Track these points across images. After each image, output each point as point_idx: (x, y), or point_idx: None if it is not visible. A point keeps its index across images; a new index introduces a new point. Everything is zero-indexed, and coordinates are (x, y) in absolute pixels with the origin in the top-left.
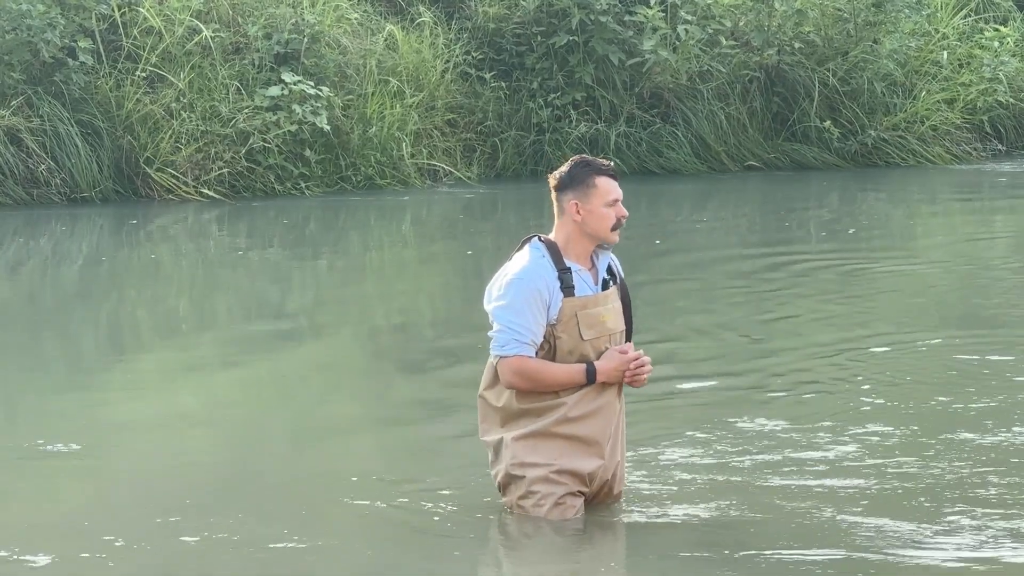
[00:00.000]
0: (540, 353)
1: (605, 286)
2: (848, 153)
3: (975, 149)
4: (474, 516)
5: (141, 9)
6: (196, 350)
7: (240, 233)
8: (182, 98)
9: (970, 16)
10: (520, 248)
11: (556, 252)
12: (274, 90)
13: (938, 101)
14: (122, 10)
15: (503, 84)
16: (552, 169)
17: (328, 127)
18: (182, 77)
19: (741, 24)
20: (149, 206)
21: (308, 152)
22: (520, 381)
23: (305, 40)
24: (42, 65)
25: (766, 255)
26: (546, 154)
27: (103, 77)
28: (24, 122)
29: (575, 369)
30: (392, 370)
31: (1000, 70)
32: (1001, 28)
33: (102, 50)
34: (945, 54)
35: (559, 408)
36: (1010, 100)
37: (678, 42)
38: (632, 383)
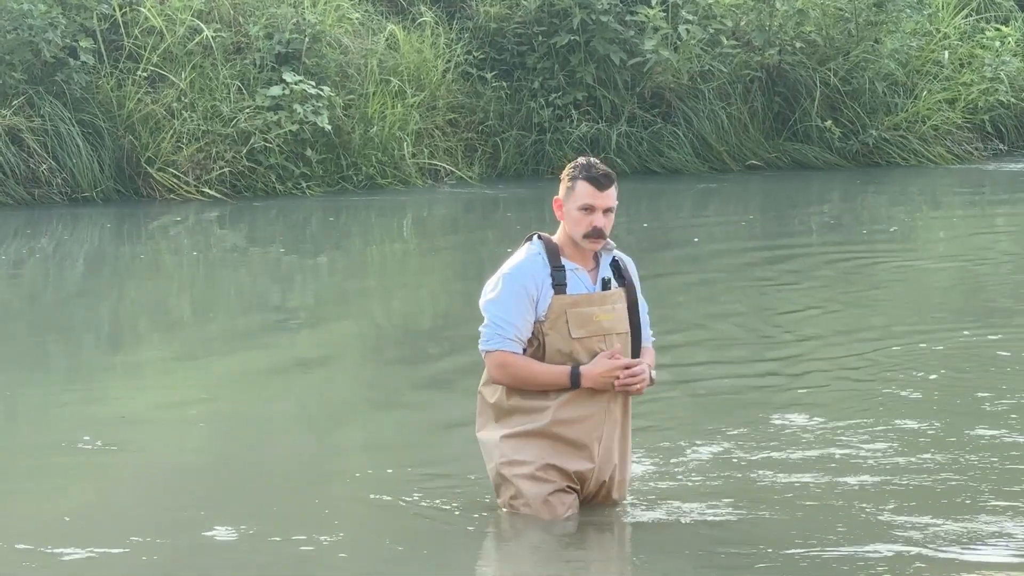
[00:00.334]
0: (529, 350)
1: (605, 286)
2: (849, 153)
3: (976, 149)
4: (476, 514)
5: (142, 9)
6: (197, 349)
7: (241, 233)
8: (183, 98)
9: (971, 16)
10: (521, 245)
11: (553, 250)
12: (275, 90)
13: (939, 101)
14: (123, 10)
15: (504, 84)
16: (553, 169)
17: (329, 127)
18: (183, 77)
19: (742, 24)
20: (150, 206)
21: (309, 152)
22: (502, 376)
23: (306, 40)
24: (43, 65)
25: (773, 252)
26: (547, 154)
27: (104, 77)
28: (25, 122)
29: (559, 371)
30: (393, 367)
31: (1001, 70)
32: (1002, 28)
33: (103, 50)
34: (946, 54)
35: (546, 411)
36: (1011, 100)
37: (679, 42)
38: (625, 391)
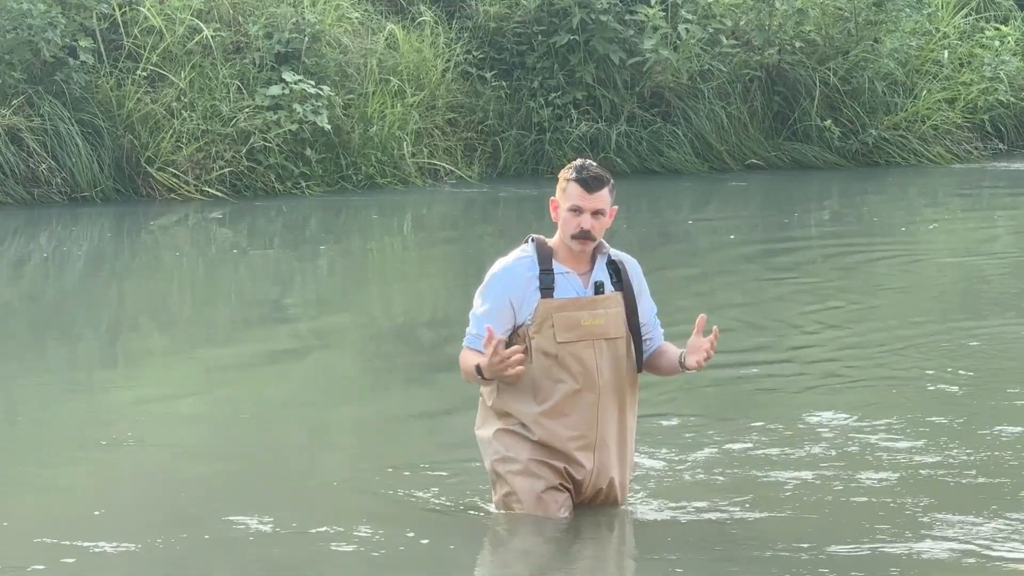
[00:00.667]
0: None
1: (598, 290)
2: (849, 152)
3: (976, 148)
4: (475, 511)
5: (142, 8)
6: (196, 349)
7: (241, 232)
8: (183, 97)
9: (971, 15)
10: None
11: (545, 252)
12: (275, 89)
13: (939, 100)
14: (123, 9)
15: (504, 83)
16: (553, 169)
17: (329, 126)
18: (183, 76)
19: (742, 23)
20: (150, 205)
21: (309, 151)
22: (462, 372)
23: (306, 39)
24: (43, 64)
25: (780, 250)
26: (547, 153)
27: (104, 76)
28: (25, 121)
29: (471, 363)
30: (392, 364)
31: (1001, 69)
32: (1002, 27)
33: (103, 49)
34: (946, 53)
35: (532, 421)
36: (1011, 99)
37: (679, 41)
38: (511, 372)
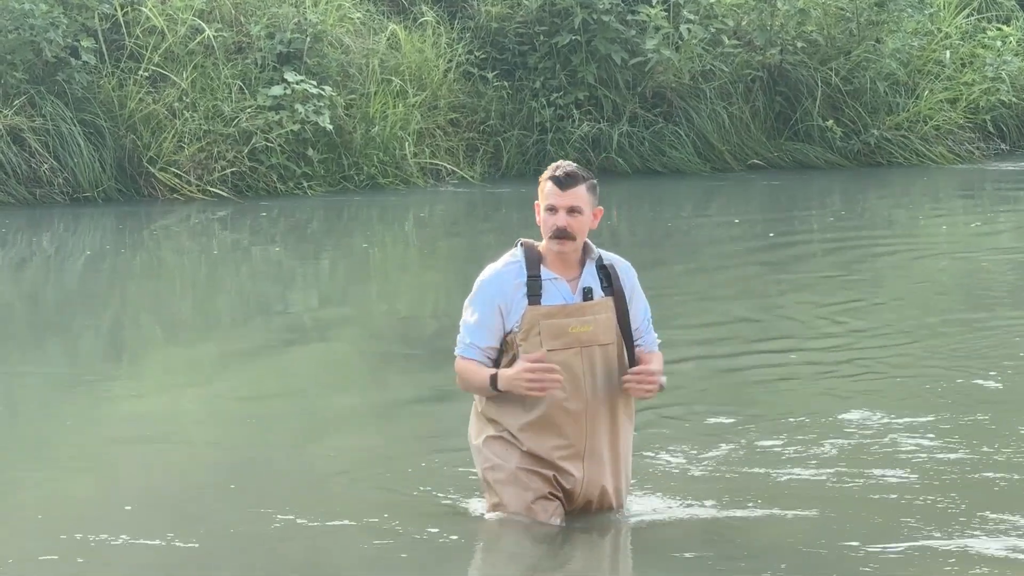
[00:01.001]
0: (504, 360)
1: (587, 296)
2: (851, 152)
3: (978, 148)
4: (474, 514)
5: (144, 8)
6: (198, 348)
7: (243, 232)
8: (185, 97)
9: (973, 15)
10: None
11: (533, 258)
12: (277, 89)
13: (941, 100)
14: (124, 9)
15: (506, 83)
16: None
17: (331, 126)
18: (185, 76)
19: (744, 23)
20: (152, 205)
21: (311, 151)
22: (458, 382)
23: (308, 39)
24: (45, 64)
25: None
26: (549, 153)
27: (106, 76)
28: (27, 121)
29: (484, 374)
30: (394, 365)
31: (1003, 69)
32: (1004, 27)
33: (104, 49)
34: (948, 53)
35: (515, 425)
36: (1013, 99)
37: (681, 41)
38: (535, 391)
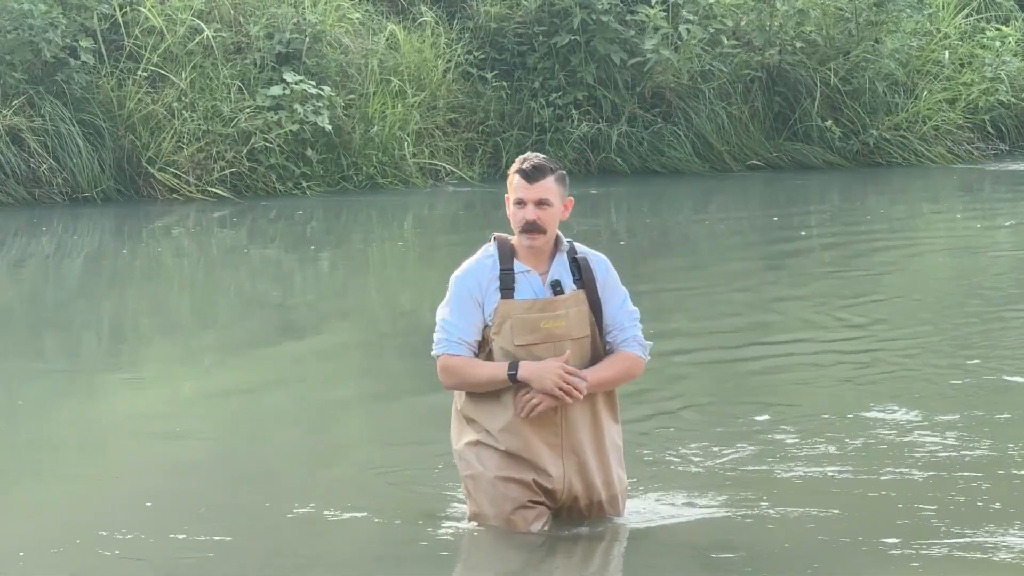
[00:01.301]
0: (481, 355)
1: (556, 289)
2: (850, 153)
3: (977, 149)
4: (461, 517)
5: (143, 9)
6: (198, 348)
7: (242, 232)
8: (184, 98)
9: (971, 16)
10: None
11: (506, 251)
12: (276, 90)
13: (940, 101)
14: (124, 10)
15: (505, 84)
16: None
17: (330, 127)
18: (184, 77)
19: (743, 24)
20: (151, 206)
21: (310, 152)
22: (448, 378)
23: (307, 40)
24: (44, 65)
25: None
26: (548, 154)
27: (105, 77)
28: (26, 122)
29: (497, 367)
30: (393, 365)
31: (1002, 69)
32: (1003, 28)
33: (104, 50)
34: (947, 54)
35: (492, 424)
36: (1012, 100)
37: (680, 41)
38: (560, 395)
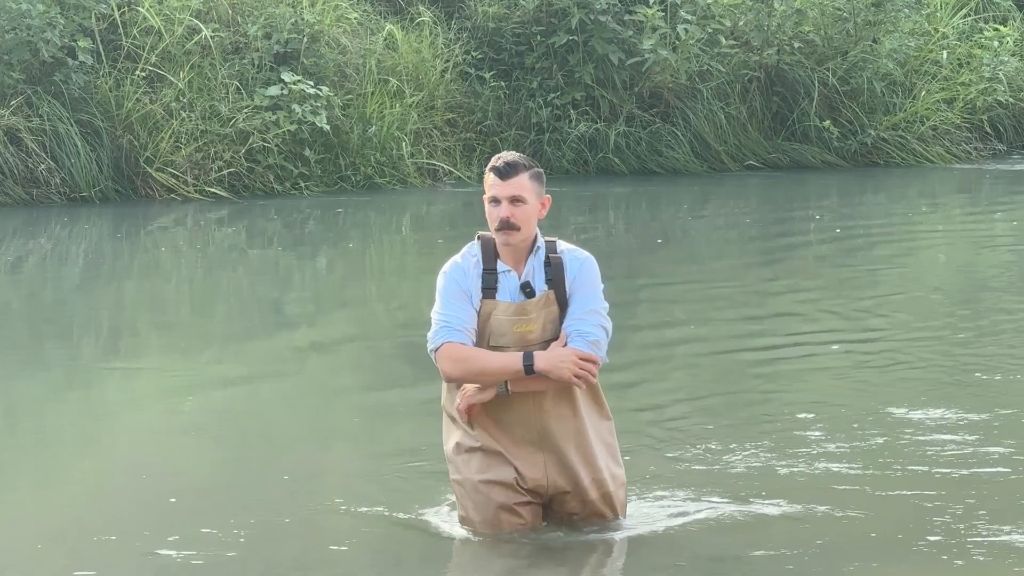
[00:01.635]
0: None
1: (527, 290)
2: (848, 153)
3: (975, 149)
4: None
5: (141, 9)
6: (195, 349)
7: (240, 232)
8: (182, 98)
9: (970, 16)
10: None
11: (489, 251)
12: (273, 90)
13: (938, 101)
14: (122, 10)
15: (503, 84)
16: (552, 169)
17: (328, 127)
18: (182, 77)
19: (741, 24)
20: (149, 206)
21: (308, 152)
22: (453, 367)
23: (304, 40)
24: (42, 65)
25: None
26: (546, 154)
27: (103, 77)
28: (24, 122)
29: (511, 357)
30: (391, 364)
31: (1000, 70)
32: (1001, 28)
33: (102, 50)
34: (945, 54)
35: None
36: (1010, 100)
37: (678, 41)
38: (577, 381)
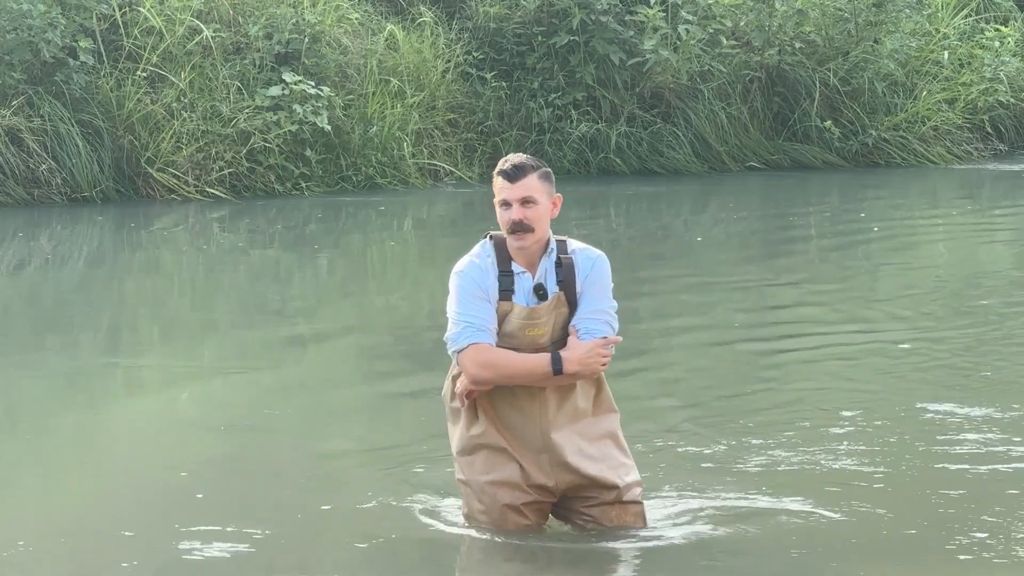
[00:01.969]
0: None
1: (539, 292)
2: (849, 153)
3: (976, 149)
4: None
5: (142, 9)
6: (196, 349)
7: (241, 233)
8: (183, 98)
9: (971, 16)
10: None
11: (503, 253)
12: (275, 90)
13: (939, 101)
14: (123, 10)
15: (504, 84)
16: (553, 170)
17: (329, 127)
18: (183, 77)
19: (742, 24)
20: (150, 206)
21: (309, 152)
22: (486, 372)
23: (306, 40)
24: (43, 65)
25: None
26: (547, 154)
27: (104, 77)
28: (25, 122)
29: (539, 358)
30: (392, 364)
31: (1001, 70)
32: (1002, 28)
33: (103, 50)
34: (946, 54)
35: (472, 418)
36: (1011, 100)
37: (679, 42)
38: (602, 369)
